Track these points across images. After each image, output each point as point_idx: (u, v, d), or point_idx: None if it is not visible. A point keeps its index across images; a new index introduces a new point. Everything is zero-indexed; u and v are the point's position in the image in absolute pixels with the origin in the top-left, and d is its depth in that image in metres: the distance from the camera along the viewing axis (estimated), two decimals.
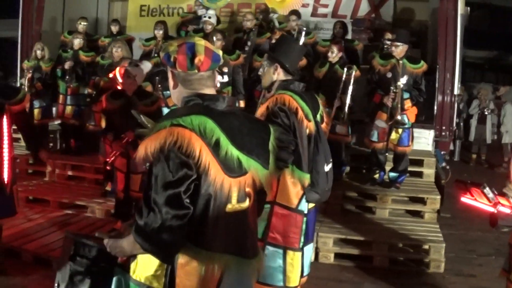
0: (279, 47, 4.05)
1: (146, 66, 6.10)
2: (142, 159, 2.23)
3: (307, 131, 3.85)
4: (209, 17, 9.33)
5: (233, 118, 2.40)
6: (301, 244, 3.97)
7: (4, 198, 5.17)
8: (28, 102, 5.59)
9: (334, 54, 7.68)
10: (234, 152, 2.30)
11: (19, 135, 9.95)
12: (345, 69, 7.43)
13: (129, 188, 6.03)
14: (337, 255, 6.18)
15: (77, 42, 9.18)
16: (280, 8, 10.26)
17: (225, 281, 2.36)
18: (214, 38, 7.80)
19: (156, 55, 8.84)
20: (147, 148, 2.21)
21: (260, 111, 3.87)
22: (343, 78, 7.41)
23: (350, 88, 7.37)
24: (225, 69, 7.86)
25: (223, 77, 7.71)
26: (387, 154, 7.53)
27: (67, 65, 8.99)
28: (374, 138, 7.30)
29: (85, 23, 9.88)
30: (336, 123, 7.45)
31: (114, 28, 10.30)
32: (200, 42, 2.42)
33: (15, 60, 11.54)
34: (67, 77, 9.04)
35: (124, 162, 6.02)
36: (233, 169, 2.31)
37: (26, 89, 8.80)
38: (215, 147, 2.24)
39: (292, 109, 3.75)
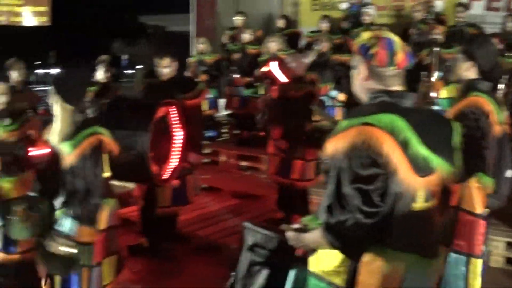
0: (478, 45, 3.82)
1: (308, 56, 6.03)
2: (330, 157, 2.26)
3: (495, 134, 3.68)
4: (369, 8, 9.20)
5: (419, 115, 2.37)
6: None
7: (178, 188, 5.43)
8: (203, 97, 5.67)
9: None
10: (422, 150, 2.25)
11: None
12: None
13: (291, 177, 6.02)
14: (510, 260, 5.84)
15: (245, 36, 9.37)
16: None
17: (408, 280, 2.33)
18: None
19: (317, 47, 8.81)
20: (336, 146, 2.24)
21: (452, 112, 3.74)
22: None
23: None
24: None
25: None
26: None
27: (233, 57, 9.28)
28: None
29: (243, 18, 10.03)
30: None
31: (282, 23, 10.37)
32: (396, 39, 2.40)
33: (188, 55, 12.08)
34: (232, 68, 9.32)
35: (287, 146, 5.94)
36: (421, 168, 2.26)
37: None
38: (404, 146, 2.21)
39: (485, 113, 3.60)
